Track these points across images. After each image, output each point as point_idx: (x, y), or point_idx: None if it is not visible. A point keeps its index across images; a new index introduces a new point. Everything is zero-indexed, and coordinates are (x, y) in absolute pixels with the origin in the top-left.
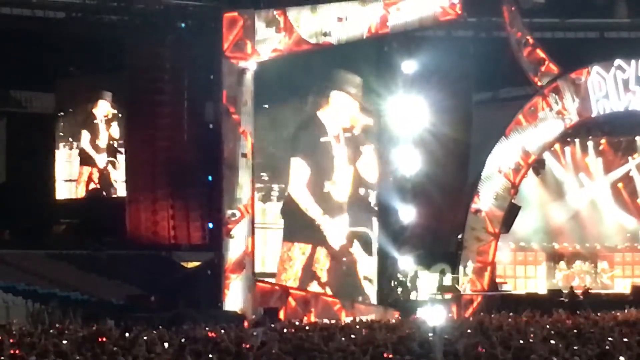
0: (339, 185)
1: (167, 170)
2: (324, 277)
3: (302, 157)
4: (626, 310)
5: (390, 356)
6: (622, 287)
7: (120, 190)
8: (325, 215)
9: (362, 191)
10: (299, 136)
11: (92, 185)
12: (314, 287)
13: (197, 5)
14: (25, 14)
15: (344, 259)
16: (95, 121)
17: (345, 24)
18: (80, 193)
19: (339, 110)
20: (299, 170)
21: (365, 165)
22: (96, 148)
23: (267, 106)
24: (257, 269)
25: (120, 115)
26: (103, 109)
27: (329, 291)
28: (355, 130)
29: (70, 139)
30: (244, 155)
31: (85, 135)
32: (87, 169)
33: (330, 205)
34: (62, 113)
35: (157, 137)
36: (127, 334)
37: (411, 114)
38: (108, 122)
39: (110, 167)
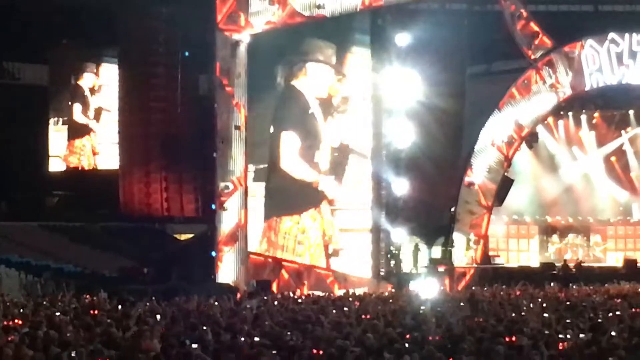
0: (325, 154)
1: (161, 143)
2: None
3: (292, 129)
4: (618, 284)
5: (384, 328)
6: (615, 260)
7: (102, 161)
8: (321, 174)
9: (352, 159)
10: (284, 109)
11: (85, 159)
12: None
13: None
14: None
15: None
16: (85, 94)
17: None
18: (74, 165)
19: (316, 80)
20: (289, 143)
21: (353, 134)
22: (88, 117)
23: None
24: None
25: (107, 85)
26: (89, 80)
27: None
28: (335, 100)
29: (62, 112)
30: (237, 127)
31: (77, 107)
32: (79, 141)
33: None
34: (55, 85)
35: (150, 110)
36: (120, 306)
37: (405, 87)
38: (93, 92)
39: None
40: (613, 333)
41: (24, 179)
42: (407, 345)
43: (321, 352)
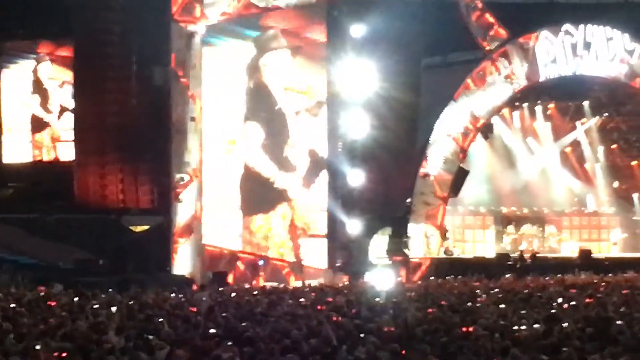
0: (297, 149)
1: (116, 134)
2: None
3: (255, 120)
4: (573, 274)
5: (339, 319)
6: (570, 250)
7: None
8: (281, 171)
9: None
10: (251, 103)
11: (43, 150)
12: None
13: None
14: None
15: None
16: (44, 87)
17: None
18: (28, 157)
19: (277, 71)
20: (252, 134)
21: (315, 125)
22: (47, 111)
23: None
24: None
25: (67, 79)
26: (44, 72)
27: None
28: (309, 98)
29: (19, 102)
30: (193, 119)
31: (35, 100)
32: (39, 135)
33: (288, 168)
34: (8, 75)
35: (105, 102)
36: (75, 298)
37: (360, 78)
38: (54, 87)
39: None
40: (567, 324)
41: None
42: (362, 336)
43: (276, 343)
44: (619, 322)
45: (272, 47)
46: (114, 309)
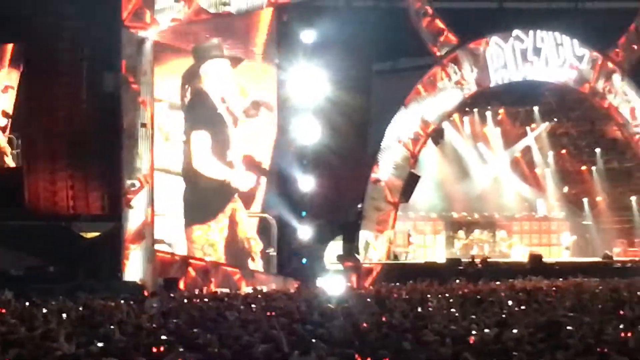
0: (232, 150)
1: (66, 140)
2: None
3: (202, 128)
4: (524, 279)
5: (290, 325)
6: (520, 255)
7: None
8: (232, 169)
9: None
10: (194, 111)
11: None
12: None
13: None
14: None
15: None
16: None
17: None
18: None
19: (220, 79)
20: (200, 142)
21: (260, 128)
22: None
23: None
24: None
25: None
26: None
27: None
28: (243, 98)
29: None
30: (144, 125)
31: None
32: None
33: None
34: None
35: (55, 107)
36: (26, 305)
37: (311, 84)
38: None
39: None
40: (518, 328)
41: None
42: (314, 341)
43: (228, 348)
44: (568, 327)
45: (213, 55)
46: (64, 316)
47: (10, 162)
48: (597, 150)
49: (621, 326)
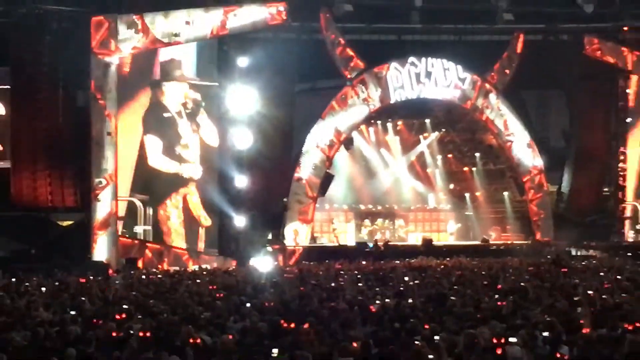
0: (189, 148)
1: (46, 146)
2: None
3: (152, 133)
4: (417, 258)
5: (227, 296)
6: (415, 239)
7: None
8: (183, 164)
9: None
10: (148, 117)
11: None
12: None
13: (71, 10)
14: None
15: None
16: None
17: (192, 27)
18: None
19: (174, 93)
20: (152, 144)
21: (206, 132)
22: None
23: None
24: None
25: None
26: None
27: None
28: (189, 105)
29: None
30: (109, 133)
31: None
32: None
33: (185, 162)
34: None
35: (36, 119)
36: (12, 280)
37: (245, 100)
38: None
39: None
40: (412, 299)
41: None
42: (249, 309)
43: (177, 316)
44: (452, 297)
45: (175, 75)
46: (43, 289)
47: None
48: (477, 154)
49: (496, 297)
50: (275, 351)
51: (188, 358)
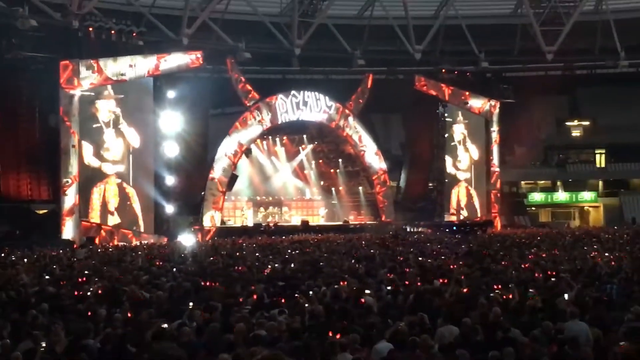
0: (111, 151)
1: (27, 155)
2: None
3: (86, 140)
4: (298, 234)
5: (160, 263)
6: (296, 221)
7: None
8: (107, 162)
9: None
10: (83, 127)
11: None
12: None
13: (44, 55)
14: None
15: (128, 202)
16: None
17: (134, 68)
18: None
19: (103, 108)
20: (86, 147)
21: (131, 137)
22: None
23: None
24: None
25: None
26: None
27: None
28: (115, 116)
29: None
30: (73, 146)
31: None
32: None
33: (105, 160)
34: None
35: (19, 136)
36: (1, 254)
37: (173, 121)
38: None
39: None
40: (294, 264)
41: None
42: (176, 272)
43: (122, 277)
44: (322, 262)
45: (104, 95)
46: (25, 260)
47: None
48: (340, 160)
49: (352, 261)
50: (191, 304)
51: (124, 309)
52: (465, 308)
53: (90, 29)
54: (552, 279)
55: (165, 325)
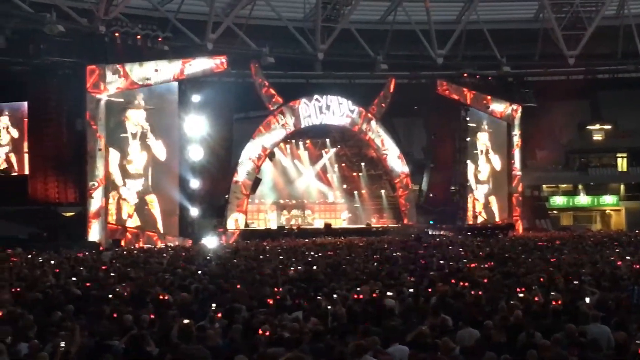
0: (134, 164)
1: (54, 159)
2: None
3: (113, 147)
4: (321, 237)
5: (184, 266)
6: (319, 224)
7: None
8: (124, 179)
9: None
10: (111, 134)
11: (2, 166)
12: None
13: (71, 60)
14: None
15: (146, 207)
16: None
17: (159, 73)
18: None
19: (133, 118)
20: (112, 155)
21: (157, 151)
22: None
23: None
24: None
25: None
26: (3, 122)
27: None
28: (144, 129)
29: None
30: (100, 149)
31: None
32: None
33: (128, 174)
34: None
35: (47, 140)
36: (29, 256)
37: (198, 125)
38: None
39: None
40: (317, 266)
41: None
42: (201, 274)
43: (150, 279)
44: (344, 265)
45: (135, 104)
46: (52, 262)
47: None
48: (362, 164)
49: (375, 264)
50: (214, 305)
51: (149, 310)
52: (487, 311)
53: (117, 34)
54: (574, 282)
55: (188, 321)
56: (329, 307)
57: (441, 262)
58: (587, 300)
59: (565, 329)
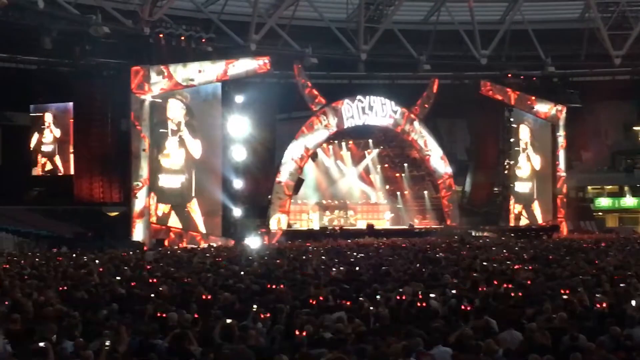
0: (171, 158)
1: (99, 159)
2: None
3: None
4: (363, 238)
5: (225, 266)
6: (362, 225)
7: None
8: (161, 174)
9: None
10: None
11: (48, 167)
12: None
13: (116, 61)
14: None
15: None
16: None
17: (203, 74)
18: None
19: (173, 109)
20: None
21: (193, 148)
22: (43, 144)
23: None
24: None
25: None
26: (47, 121)
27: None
28: (182, 125)
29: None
30: (144, 150)
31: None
32: (42, 158)
33: (165, 170)
34: (33, 125)
35: (92, 140)
36: (74, 255)
37: (241, 126)
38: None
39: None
40: (359, 267)
41: (17, 179)
42: (244, 275)
43: (191, 279)
44: (386, 267)
45: (174, 95)
46: (97, 261)
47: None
48: (405, 164)
49: (417, 265)
50: (255, 307)
51: (192, 310)
52: (530, 313)
53: (161, 35)
54: (621, 285)
55: (230, 321)
56: (371, 308)
57: (484, 263)
58: (634, 303)
59: (610, 332)
